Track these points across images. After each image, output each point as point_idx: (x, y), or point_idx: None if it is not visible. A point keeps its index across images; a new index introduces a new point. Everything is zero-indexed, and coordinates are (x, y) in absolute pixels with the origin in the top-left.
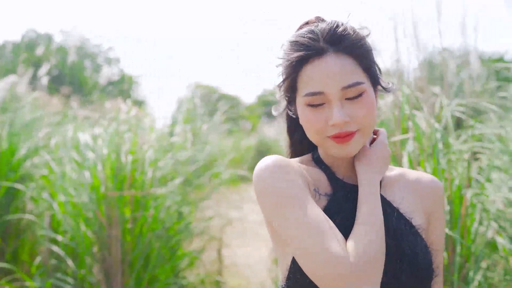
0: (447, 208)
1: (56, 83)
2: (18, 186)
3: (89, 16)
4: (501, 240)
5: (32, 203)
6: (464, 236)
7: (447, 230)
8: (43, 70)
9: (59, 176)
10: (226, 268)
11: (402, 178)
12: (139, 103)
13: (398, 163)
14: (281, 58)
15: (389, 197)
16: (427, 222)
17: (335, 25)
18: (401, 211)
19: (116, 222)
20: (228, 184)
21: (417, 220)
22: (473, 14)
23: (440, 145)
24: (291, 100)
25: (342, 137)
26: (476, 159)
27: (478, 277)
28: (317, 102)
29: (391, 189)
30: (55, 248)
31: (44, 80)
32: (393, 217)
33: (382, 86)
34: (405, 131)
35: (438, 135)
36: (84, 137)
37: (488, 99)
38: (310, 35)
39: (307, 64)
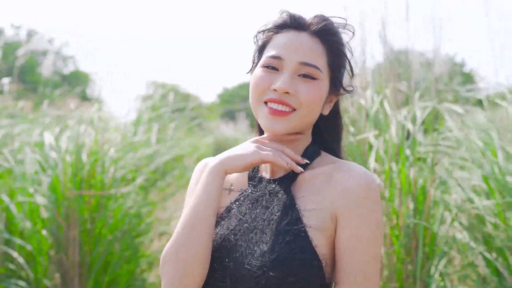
0: (411, 206)
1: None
2: None
3: (42, 11)
4: (460, 236)
5: None
6: (428, 233)
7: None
8: None
9: (18, 176)
10: None
11: (324, 174)
12: (94, 101)
13: (365, 162)
14: (263, 27)
15: (296, 193)
16: (332, 221)
17: (325, 18)
18: (300, 207)
19: (74, 223)
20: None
21: (313, 219)
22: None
23: (407, 144)
24: (256, 64)
25: (278, 111)
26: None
27: (440, 268)
28: (273, 65)
29: (304, 184)
30: (10, 251)
31: (5, 81)
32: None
33: (344, 90)
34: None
35: (405, 134)
36: (46, 136)
37: (451, 99)
38: (300, 15)
39: (283, 32)
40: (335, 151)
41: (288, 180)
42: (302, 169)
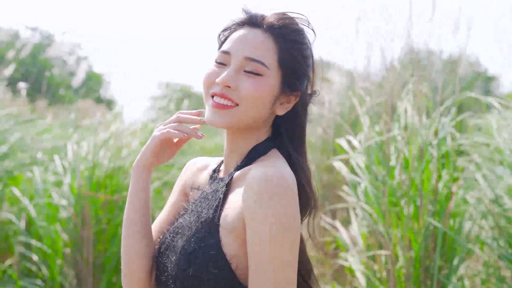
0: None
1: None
2: None
3: (56, 12)
4: (483, 236)
5: (8, 205)
6: (447, 234)
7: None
8: (9, 70)
9: (39, 178)
10: None
11: (246, 173)
12: (108, 102)
13: (387, 162)
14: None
15: (228, 192)
16: (241, 222)
17: (283, 15)
18: (224, 207)
19: (89, 223)
20: None
21: (227, 219)
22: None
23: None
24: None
25: (220, 104)
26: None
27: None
28: (222, 61)
29: (234, 183)
30: (28, 251)
31: (22, 86)
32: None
33: (303, 93)
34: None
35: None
36: (67, 140)
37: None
38: (259, 13)
39: (239, 29)
40: (290, 153)
41: (228, 177)
42: (201, 135)
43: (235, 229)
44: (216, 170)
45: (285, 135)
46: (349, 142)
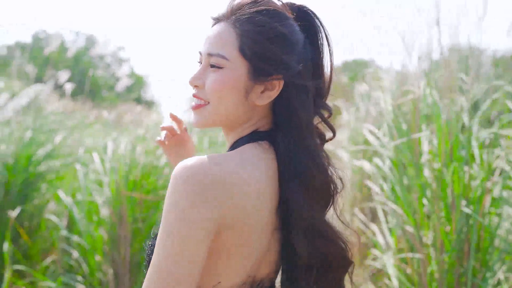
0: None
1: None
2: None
3: (97, 15)
4: None
5: (52, 202)
6: (482, 236)
7: None
8: (64, 75)
9: (82, 176)
10: None
11: None
12: (148, 103)
13: (416, 161)
14: None
15: None
16: None
17: (242, 4)
18: None
19: (126, 222)
20: None
21: None
22: None
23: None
24: None
25: (195, 105)
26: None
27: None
28: (199, 61)
29: None
30: (68, 248)
31: (67, 86)
32: None
33: (279, 77)
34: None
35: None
36: (106, 140)
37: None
38: (226, 4)
39: (210, 28)
40: (278, 142)
41: None
42: (160, 138)
43: None
44: None
45: (280, 125)
46: (378, 138)
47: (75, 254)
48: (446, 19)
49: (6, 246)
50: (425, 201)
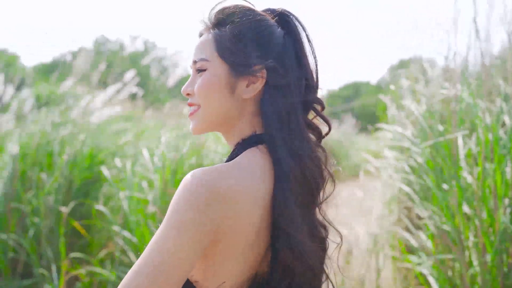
0: None
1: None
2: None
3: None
4: None
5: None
6: None
7: None
8: (129, 76)
9: (130, 175)
10: None
11: None
12: None
13: (454, 162)
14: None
15: None
16: None
17: (218, 7)
18: None
19: None
20: None
21: None
22: None
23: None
24: None
25: (190, 113)
26: None
27: None
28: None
29: None
30: (121, 242)
31: (133, 89)
32: None
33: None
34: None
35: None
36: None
37: None
38: (208, 14)
39: None
40: (274, 138)
41: None
42: None
43: None
44: None
45: (268, 124)
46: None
47: (127, 248)
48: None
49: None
50: (464, 202)
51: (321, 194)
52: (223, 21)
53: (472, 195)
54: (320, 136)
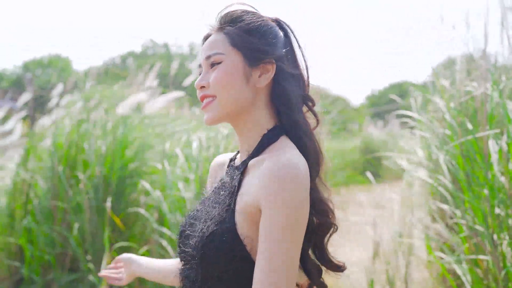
0: None
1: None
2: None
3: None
4: None
5: (144, 196)
6: None
7: None
8: (188, 82)
9: (169, 172)
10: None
11: (262, 161)
12: None
13: (485, 161)
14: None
15: (244, 179)
16: (257, 210)
17: (224, 9)
18: (241, 192)
19: None
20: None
21: (242, 203)
22: None
23: None
24: None
25: (204, 104)
26: None
27: None
28: (200, 71)
29: (249, 170)
30: (161, 239)
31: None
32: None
33: (268, 58)
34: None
35: None
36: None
37: None
38: (216, 18)
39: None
40: (290, 124)
41: (242, 165)
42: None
43: (249, 214)
44: (232, 160)
45: (280, 109)
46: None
47: (164, 242)
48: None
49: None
50: (496, 202)
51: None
52: (232, 21)
53: (504, 194)
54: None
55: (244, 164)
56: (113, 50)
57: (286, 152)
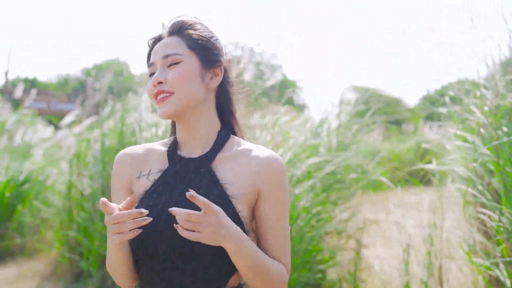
0: None
1: None
2: None
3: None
4: None
5: None
6: None
7: None
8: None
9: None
10: (361, 269)
11: (242, 154)
12: (300, 108)
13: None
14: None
15: (217, 170)
16: (254, 195)
17: (176, 18)
18: (222, 181)
19: None
20: (378, 187)
21: (235, 190)
22: None
23: None
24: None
25: (161, 99)
26: None
27: None
28: (151, 71)
29: (223, 163)
30: None
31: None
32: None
33: (220, 62)
34: None
35: None
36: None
37: None
38: (165, 27)
39: (153, 47)
40: (232, 124)
41: (207, 159)
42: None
43: (246, 197)
44: (173, 153)
45: (223, 109)
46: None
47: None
48: None
49: None
50: None
51: None
52: (187, 28)
53: None
54: None
55: (209, 156)
56: (113, 50)
57: (265, 147)
